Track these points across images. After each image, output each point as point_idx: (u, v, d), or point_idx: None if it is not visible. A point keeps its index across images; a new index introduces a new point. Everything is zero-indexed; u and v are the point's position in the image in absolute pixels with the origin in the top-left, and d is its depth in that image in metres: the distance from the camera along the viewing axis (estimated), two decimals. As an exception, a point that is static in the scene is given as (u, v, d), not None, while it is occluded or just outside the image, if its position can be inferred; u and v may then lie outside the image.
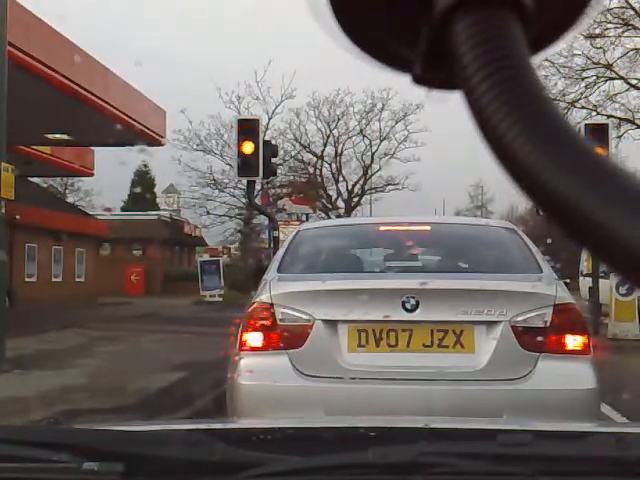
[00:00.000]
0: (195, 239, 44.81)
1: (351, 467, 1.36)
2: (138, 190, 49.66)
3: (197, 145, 34.14)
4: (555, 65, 25.75)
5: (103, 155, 25.07)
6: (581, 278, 21.00)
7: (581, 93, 26.39)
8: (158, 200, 52.00)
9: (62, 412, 6.08)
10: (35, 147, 20.33)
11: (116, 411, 6.50)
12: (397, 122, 38.09)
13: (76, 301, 23.57)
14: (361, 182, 39.75)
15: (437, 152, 71.24)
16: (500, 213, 53.82)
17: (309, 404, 3.59)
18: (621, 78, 25.91)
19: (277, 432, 1.65)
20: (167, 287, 35.64)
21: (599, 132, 12.36)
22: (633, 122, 26.35)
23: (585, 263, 19.56)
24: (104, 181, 57.62)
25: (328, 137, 38.06)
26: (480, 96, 0.42)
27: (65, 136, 17.97)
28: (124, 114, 15.94)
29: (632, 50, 25.29)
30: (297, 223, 21.87)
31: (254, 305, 3.80)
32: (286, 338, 3.69)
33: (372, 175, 39.41)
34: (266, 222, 24.41)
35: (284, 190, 35.33)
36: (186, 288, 31.67)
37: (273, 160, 12.28)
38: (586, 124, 13.86)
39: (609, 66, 25.73)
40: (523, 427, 2.08)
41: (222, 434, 1.69)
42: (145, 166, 50.29)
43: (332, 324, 3.68)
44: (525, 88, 0.42)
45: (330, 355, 3.65)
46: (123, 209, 48.14)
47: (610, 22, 24.66)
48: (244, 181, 13.27)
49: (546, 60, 24.32)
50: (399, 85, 30.70)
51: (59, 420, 4.04)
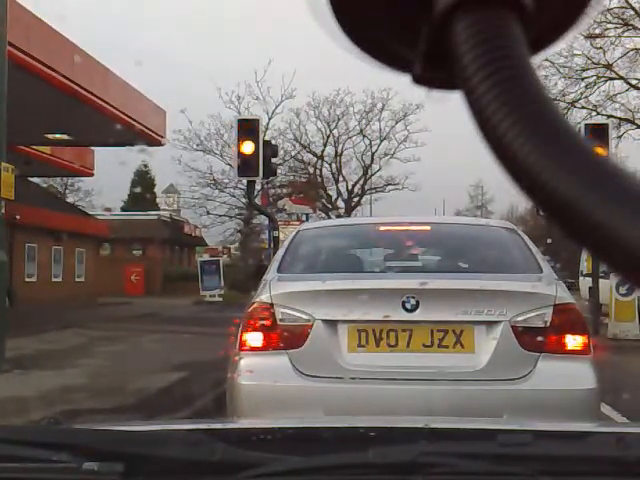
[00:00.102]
0: (195, 239, 44.81)
1: (351, 467, 1.36)
2: (138, 190, 49.66)
3: (197, 145, 34.19)
4: (555, 65, 25.79)
5: (103, 155, 25.13)
6: (581, 278, 21.01)
7: (581, 93, 26.43)
8: (158, 200, 52.00)
9: (62, 412, 6.08)
10: (35, 147, 20.34)
11: (116, 411, 6.50)
12: (397, 122, 38.18)
13: (76, 301, 23.57)
14: (361, 182, 39.78)
15: (437, 152, 71.39)
16: (500, 213, 53.96)
17: (309, 404, 3.59)
18: (621, 78, 25.91)
19: (277, 432, 1.65)
20: (167, 287, 35.63)
21: (599, 132, 12.35)
22: (633, 122, 26.36)
23: (585, 263, 19.56)
24: (104, 181, 57.74)
25: (328, 137, 38.11)
26: (480, 96, 0.42)
27: (65, 136, 17.98)
28: (124, 114, 15.94)
29: (632, 50, 25.31)
30: (297, 223, 21.87)
31: (254, 305, 3.80)
32: (286, 338, 3.69)
33: (372, 175, 39.47)
34: (266, 222, 24.40)
35: (284, 190, 35.34)
36: (186, 288, 31.67)
37: (273, 160, 12.28)
38: (586, 124, 13.86)
39: (609, 66, 25.73)
40: (523, 427, 2.07)
41: (222, 434, 1.69)
42: (145, 166, 50.38)
43: (332, 324, 3.68)
44: (525, 88, 0.42)
45: (330, 355, 3.65)
46: (123, 209, 48.14)
47: (610, 22, 24.68)
48: (244, 181, 13.28)
49: (546, 60, 24.37)
50: (399, 85, 30.74)
51: (59, 420, 4.04)
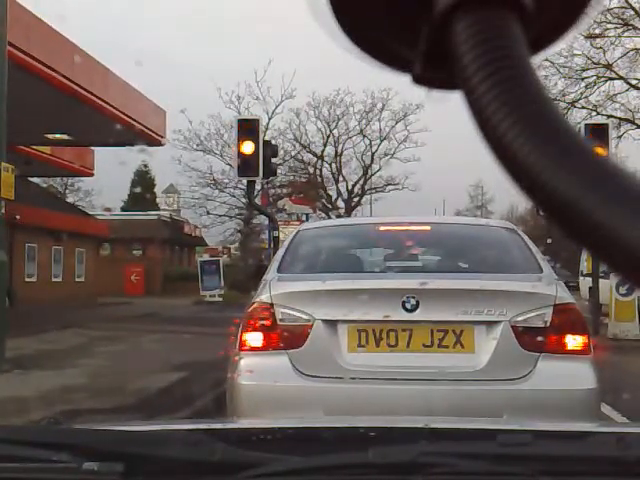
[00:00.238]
0: (195, 239, 44.80)
1: (351, 467, 1.36)
2: (138, 190, 49.66)
3: (197, 145, 34.19)
4: (555, 65, 25.80)
5: (103, 155, 25.13)
6: (581, 278, 21.01)
7: (581, 93, 26.43)
8: (158, 200, 51.99)
9: (62, 412, 6.08)
10: (35, 147, 20.34)
11: (116, 411, 6.50)
12: (397, 122, 38.20)
13: (76, 301, 23.57)
14: (361, 182, 39.79)
15: (437, 152, 71.40)
16: (500, 213, 53.96)
17: (309, 404, 3.58)
18: (621, 78, 25.92)
19: (277, 432, 1.65)
20: (167, 287, 35.62)
21: (599, 132, 12.35)
22: (633, 122, 26.36)
23: (585, 263, 19.56)
24: (104, 181, 57.74)
25: (328, 137, 38.11)
26: (480, 96, 0.42)
27: (65, 136, 17.98)
28: (124, 114, 15.94)
29: (632, 50, 25.32)
30: (297, 223, 21.88)
31: (254, 305, 3.80)
32: (286, 338, 3.69)
33: (372, 175, 39.48)
34: (266, 222, 24.40)
35: (284, 190, 35.33)
36: (186, 288, 31.66)
37: (273, 160, 12.28)
38: (586, 124, 13.86)
39: (609, 66, 25.74)
40: (523, 427, 2.07)
41: (222, 434, 1.69)
42: (145, 166, 50.37)
43: (332, 324, 3.68)
44: (525, 88, 0.42)
45: (330, 355, 3.65)
46: (123, 209, 48.13)
47: (610, 22, 24.69)
48: (244, 181, 13.27)
49: (546, 60, 24.38)
50: (399, 85, 30.75)
51: (59, 420, 4.04)
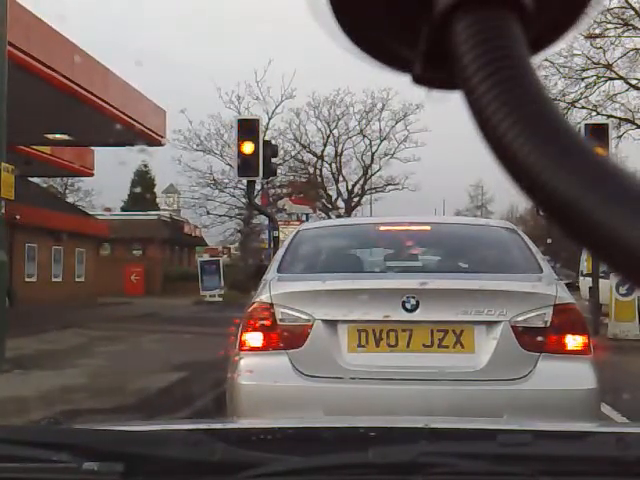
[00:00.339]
0: (195, 239, 44.79)
1: (351, 467, 1.36)
2: (138, 190, 49.65)
3: (197, 145, 34.20)
4: (555, 65, 25.80)
5: (103, 155, 25.09)
6: (581, 278, 21.01)
7: (581, 93, 26.43)
8: (158, 200, 52.00)
9: (62, 412, 6.08)
10: (35, 147, 20.34)
11: (116, 411, 6.50)
12: (397, 122, 38.19)
13: (76, 301, 23.57)
14: (361, 182, 39.78)
15: (437, 152, 71.39)
16: (500, 213, 53.91)
17: (309, 404, 3.58)
18: (621, 78, 25.92)
19: (277, 432, 1.65)
20: (167, 287, 35.61)
21: (599, 132, 12.34)
22: (633, 122, 26.36)
23: (585, 263, 19.56)
24: (104, 181, 57.69)
25: (328, 137, 38.11)
26: (480, 96, 0.42)
27: (65, 136, 17.97)
28: (124, 114, 15.94)
29: (632, 50, 25.32)
30: (297, 223, 21.87)
31: (254, 305, 3.80)
32: (286, 338, 3.69)
33: (372, 175, 39.47)
34: (266, 222, 24.42)
35: (284, 190, 35.34)
36: (186, 288, 31.65)
37: (273, 160, 12.28)
38: (586, 124, 13.86)
39: (609, 66, 25.73)
40: (523, 427, 2.07)
41: (222, 434, 1.69)
42: (145, 166, 50.36)
43: (332, 324, 3.68)
44: (525, 88, 0.42)
45: (330, 355, 3.65)
46: (123, 209, 48.12)
47: (610, 22, 24.69)
48: (244, 181, 13.28)
49: (546, 60, 24.37)
50: (399, 85, 30.74)
51: (59, 420, 4.04)
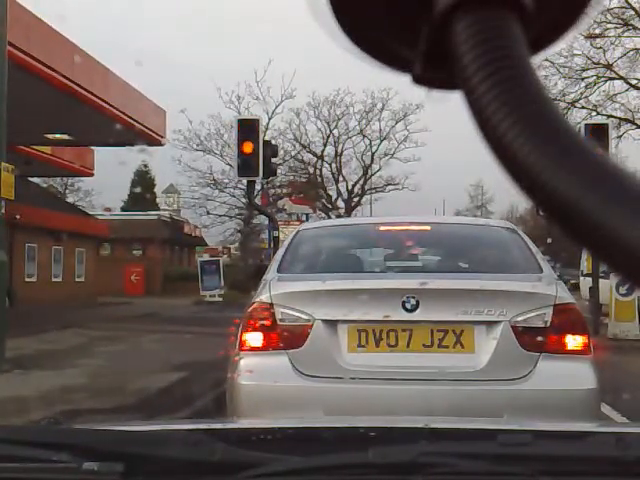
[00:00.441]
0: (195, 239, 44.79)
1: (351, 467, 1.36)
2: (138, 190, 49.67)
3: (197, 145, 34.19)
4: (555, 65, 25.80)
5: (103, 155, 25.08)
6: (581, 278, 21.01)
7: (581, 93, 26.44)
8: (158, 200, 52.02)
9: (62, 412, 6.08)
10: (35, 147, 20.34)
11: (116, 411, 6.50)
12: (397, 122, 38.16)
13: (76, 301, 23.56)
14: (361, 182, 39.77)
15: (437, 152, 71.36)
16: (500, 213, 53.92)
17: (309, 404, 3.58)
18: (621, 78, 25.92)
19: (277, 432, 1.65)
20: (167, 287, 35.60)
21: (599, 132, 12.35)
22: (633, 122, 26.36)
23: (585, 263, 19.56)
24: (104, 181, 57.55)
25: (328, 137, 38.10)
26: (480, 96, 0.42)
27: (65, 136, 17.98)
28: (124, 114, 15.94)
29: (632, 50, 25.32)
30: (297, 223, 21.87)
31: (254, 305, 3.80)
32: (286, 338, 3.69)
33: (372, 175, 39.46)
34: (266, 222, 24.41)
35: (284, 190, 35.33)
36: (186, 288, 31.64)
37: (273, 160, 12.27)
38: (586, 124, 13.86)
39: (609, 66, 25.74)
40: (523, 427, 2.07)
41: (222, 434, 1.69)
42: (145, 166, 50.40)
43: (332, 324, 3.68)
44: (525, 88, 0.42)
45: (330, 355, 3.65)
46: (123, 209, 48.13)
47: (610, 22, 24.69)
48: (244, 181, 13.28)
49: (546, 60, 24.38)
50: (399, 85, 30.74)
51: (59, 420, 4.04)
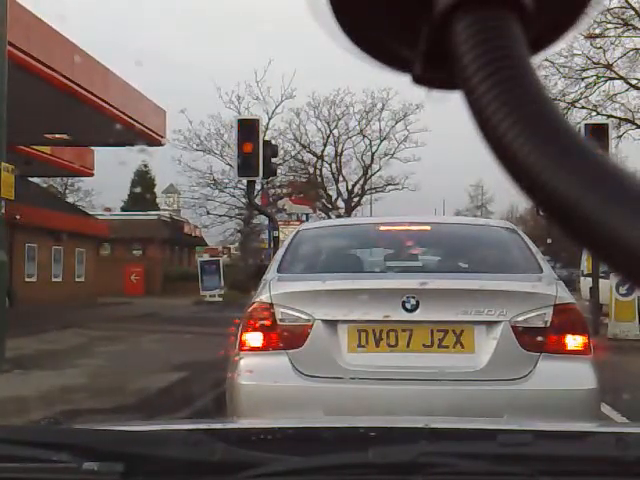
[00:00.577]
0: (195, 239, 44.78)
1: (351, 467, 1.36)
2: (138, 190, 49.66)
3: (197, 145, 34.19)
4: (555, 65, 25.79)
5: (103, 155, 25.10)
6: (581, 278, 21.01)
7: (581, 93, 26.43)
8: (158, 200, 52.01)
9: (62, 412, 6.08)
10: (35, 147, 20.34)
11: (116, 411, 6.50)
12: (397, 122, 38.16)
13: (76, 301, 23.57)
14: (361, 182, 39.76)
15: (437, 152, 71.42)
16: (500, 213, 53.94)
17: (309, 404, 3.58)
18: (621, 78, 25.92)
19: (277, 432, 1.65)
20: (167, 287, 35.61)
21: (599, 132, 12.34)
22: (633, 122, 26.36)
23: (585, 263, 19.56)
24: (104, 181, 57.55)
25: (328, 137, 38.09)
26: (480, 96, 0.42)
27: (65, 136, 17.98)
28: (124, 114, 15.95)
29: (632, 50, 25.32)
30: (297, 223, 21.86)
31: (254, 305, 3.80)
32: (286, 338, 3.69)
33: (372, 175, 39.45)
34: (266, 222, 24.39)
35: (284, 190, 35.32)
36: (186, 288, 31.64)
37: (273, 160, 12.27)
38: (586, 124, 13.85)
39: (609, 66, 25.73)
40: (523, 427, 2.07)
41: (222, 434, 1.69)
42: (145, 166, 50.38)
43: (332, 324, 3.68)
44: (525, 88, 0.42)
45: (330, 355, 3.65)
46: (123, 209, 48.11)
47: (610, 22, 24.69)
48: (244, 181, 13.28)
49: (546, 60, 24.37)
50: (399, 85, 30.74)
51: (59, 420, 4.04)
